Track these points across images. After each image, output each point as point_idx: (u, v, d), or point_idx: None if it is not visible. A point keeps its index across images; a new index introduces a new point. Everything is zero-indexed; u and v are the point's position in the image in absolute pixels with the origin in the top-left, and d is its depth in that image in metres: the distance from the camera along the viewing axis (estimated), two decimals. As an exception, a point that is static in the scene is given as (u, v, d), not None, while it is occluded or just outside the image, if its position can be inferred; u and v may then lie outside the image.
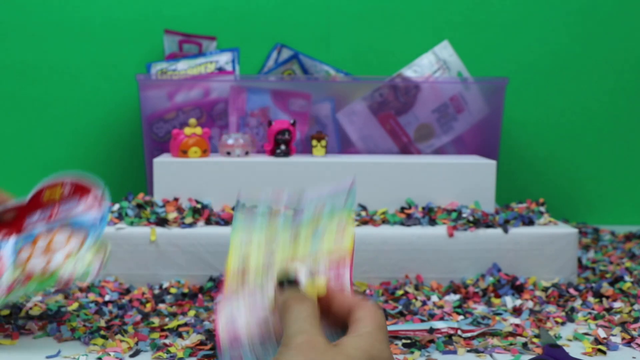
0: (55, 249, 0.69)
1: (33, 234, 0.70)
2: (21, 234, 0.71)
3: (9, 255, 0.68)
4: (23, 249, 0.69)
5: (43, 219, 0.72)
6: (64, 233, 0.70)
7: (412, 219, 0.93)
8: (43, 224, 0.71)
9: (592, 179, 1.35)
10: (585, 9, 1.31)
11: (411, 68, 1.13)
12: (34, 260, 0.68)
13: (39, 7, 1.28)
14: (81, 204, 0.72)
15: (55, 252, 0.68)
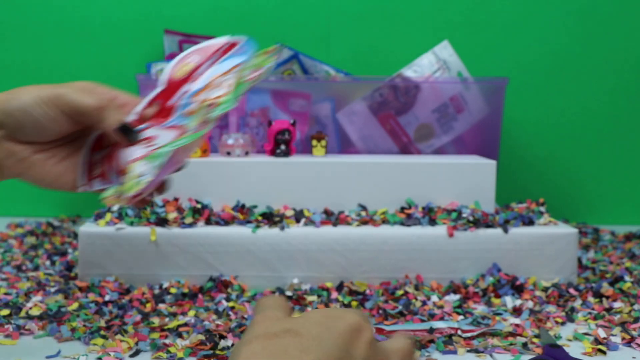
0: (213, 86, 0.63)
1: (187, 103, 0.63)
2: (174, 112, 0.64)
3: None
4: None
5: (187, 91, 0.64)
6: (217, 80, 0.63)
7: (412, 219, 0.93)
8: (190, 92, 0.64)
9: (592, 179, 1.35)
10: (585, 9, 1.31)
11: (411, 68, 1.13)
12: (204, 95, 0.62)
13: (39, 7, 1.28)
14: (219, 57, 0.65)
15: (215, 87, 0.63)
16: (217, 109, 0.61)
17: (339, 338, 0.43)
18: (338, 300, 0.84)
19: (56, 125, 0.60)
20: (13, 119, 0.59)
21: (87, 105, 0.60)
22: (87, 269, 0.89)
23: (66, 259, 1.00)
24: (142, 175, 0.58)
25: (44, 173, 0.62)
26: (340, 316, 0.44)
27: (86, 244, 0.88)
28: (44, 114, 0.60)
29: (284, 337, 0.42)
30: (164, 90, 0.64)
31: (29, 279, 0.91)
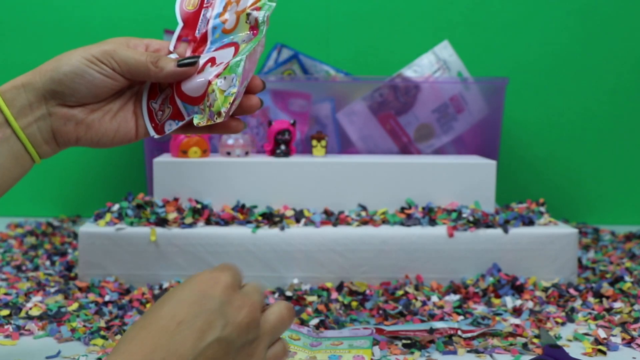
0: None
1: (219, 24, 0.63)
2: (209, 38, 0.64)
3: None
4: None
5: (209, 16, 0.64)
6: None
7: (412, 219, 0.93)
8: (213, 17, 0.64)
9: (592, 179, 1.35)
10: (585, 9, 1.31)
11: (411, 68, 1.13)
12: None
13: (38, 8, 1.28)
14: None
15: None
16: (262, 10, 0.61)
17: (195, 285, 0.48)
18: (338, 301, 0.84)
19: (110, 83, 0.61)
20: (66, 84, 0.60)
21: (140, 61, 0.60)
22: (87, 269, 0.89)
23: (66, 259, 1.00)
24: (227, 90, 0.59)
25: (102, 131, 0.62)
26: (198, 275, 0.49)
27: (86, 244, 0.88)
28: (97, 74, 0.60)
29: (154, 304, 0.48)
30: (183, 27, 0.65)
31: (29, 279, 0.91)
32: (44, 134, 0.60)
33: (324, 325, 0.75)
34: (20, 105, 0.60)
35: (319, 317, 0.77)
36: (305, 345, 0.68)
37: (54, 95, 0.60)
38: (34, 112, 0.60)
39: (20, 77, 0.62)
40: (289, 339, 0.69)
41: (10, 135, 0.59)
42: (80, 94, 0.60)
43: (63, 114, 0.60)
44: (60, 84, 0.60)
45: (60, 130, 0.61)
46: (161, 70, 0.60)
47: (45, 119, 0.60)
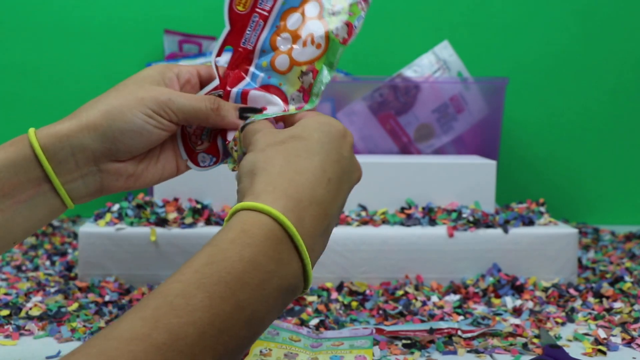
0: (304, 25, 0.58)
1: (268, 49, 0.59)
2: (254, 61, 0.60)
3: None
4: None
5: (258, 27, 0.60)
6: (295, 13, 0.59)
7: (412, 219, 0.93)
8: (263, 28, 0.59)
9: (592, 179, 1.35)
10: (585, 9, 1.31)
11: (411, 68, 1.13)
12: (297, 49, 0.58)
13: (39, 8, 1.28)
14: None
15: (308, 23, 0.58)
16: (318, 80, 0.58)
17: (334, 141, 0.51)
18: (338, 301, 0.84)
19: (165, 134, 0.58)
20: (122, 141, 0.56)
21: (200, 109, 0.57)
22: (87, 269, 0.89)
23: (66, 259, 1.00)
24: None
25: (150, 178, 0.60)
26: (330, 122, 0.52)
27: (86, 244, 0.88)
28: (155, 128, 0.56)
29: (292, 142, 0.50)
30: (230, 31, 0.60)
31: (29, 279, 0.91)
32: (90, 189, 0.58)
33: (324, 326, 0.75)
34: (63, 160, 0.55)
35: (319, 317, 0.77)
36: (306, 346, 0.68)
37: (107, 153, 0.56)
38: (81, 169, 0.56)
39: (60, 125, 0.56)
40: (289, 340, 0.69)
41: (48, 190, 0.56)
42: (136, 148, 0.57)
43: (115, 170, 0.58)
44: (115, 141, 0.56)
45: (110, 186, 0.58)
46: (223, 119, 0.58)
47: (95, 175, 0.57)
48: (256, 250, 0.43)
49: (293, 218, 0.45)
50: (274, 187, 0.46)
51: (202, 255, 0.43)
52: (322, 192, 0.48)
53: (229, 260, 0.42)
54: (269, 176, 0.47)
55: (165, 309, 0.39)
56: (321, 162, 0.49)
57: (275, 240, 0.44)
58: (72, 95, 1.29)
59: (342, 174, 0.50)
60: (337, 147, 0.51)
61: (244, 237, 0.43)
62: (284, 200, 0.46)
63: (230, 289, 0.41)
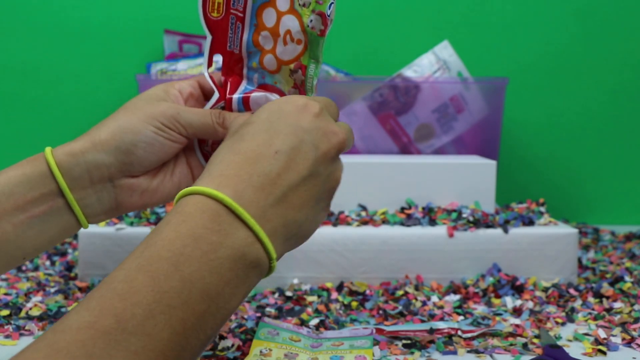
0: None
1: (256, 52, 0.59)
2: (245, 61, 0.60)
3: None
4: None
5: (238, 29, 0.60)
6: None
7: (412, 219, 0.93)
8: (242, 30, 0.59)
9: (592, 179, 1.35)
10: (585, 9, 1.31)
11: (411, 68, 1.13)
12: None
13: (39, 8, 1.28)
14: None
15: None
16: (308, 72, 0.58)
17: (287, 116, 0.50)
18: (338, 301, 0.84)
19: (176, 147, 0.59)
20: (135, 154, 0.57)
21: (207, 123, 0.58)
22: (87, 269, 0.89)
23: (66, 259, 1.00)
24: None
25: (167, 192, 0.60)
26: (286, 99, 0.52)
27: (86, 244, 0.88)
28: (166, 140, 0.57)
29: (240, 130, 0.51)
30: (213, 40, 0.61)
31: (29, 279, 0.91)
32: (105, 206, 0.58)
33: (324, 326, 0.75)
34: (77, 176, 0.56)
35: (319, 318, 0.77)
36: (306, 346, 0.68)
37: (121, 168, 0.57)
38: (95, 185, 0.57)
39: (74, 143, 0.58)
40: (290, 340, 0.69)
41: (62, 206, 0.56)
42: (149, 162, 0.58)
43: (129, 186, 0.58)
44: (128, 154, 0.56)
45: (125, 202, 0.58)
46: (228, 130, 0.58)
47: (109, 191, 0.58)
48: (193, 225, 0.43)
49: (229, 191, 0.45)
50: (209, 173, 0.47)
51: (141, 244, 0.43)
52: (265, 164, 0.48)
53: (165, 239, 0.43)
54: (208, 168, 0.48)
55: (109, 295, 0.40)
56: (266, 138, 0.49)
57: (212, 213, 0.44)
58: (72, 95, 1.29)
59: (297, 143, 0.49)
60: (291, 120, 0.50)
61: (178, 217, 0.44)
62: (217, 179, 0.46)
63: (172, 264, 0.41)
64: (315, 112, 0.51)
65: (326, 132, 0.52)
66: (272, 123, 0.50)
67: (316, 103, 0.52)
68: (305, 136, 0.50)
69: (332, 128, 0.52)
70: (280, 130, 0.49)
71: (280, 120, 0.50)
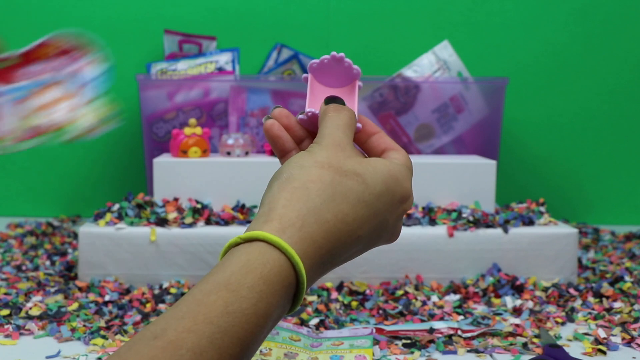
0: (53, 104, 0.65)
1: (25, 87, 0.66)
2: (10, 84, 0.67)
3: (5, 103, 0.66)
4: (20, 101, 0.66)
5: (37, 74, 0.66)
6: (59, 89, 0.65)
7: (412, 219, 0.93)
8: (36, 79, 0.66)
9: (592, 179, 1.35)
10: (585, 9, 1.31)
11: (411, 68, 1.13)
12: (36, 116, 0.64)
13: (38, 8, 1.28)
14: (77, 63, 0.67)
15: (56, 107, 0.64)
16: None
17: (390, 204, 0.48)
18: (338, 300, 0.84)
19: None
20: None
21: None
22: (87, 269, 0.89)
23: (66, 259, 1.00)
24: None
25: None
26: (402, 183, 0.49)
27: (86, 244, 0.88)
28: None
29: (352, 179, 0.46)
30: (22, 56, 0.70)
31: (29, 279, 0.91)
32: None
33: (324, 325, 0.75)
34: None
35: (319, 317, 0.77)
36: (306, 346, 0.68)
37: None
38: None
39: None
40: (290, 339, 0.69)
41: None
42: None
43: None
44: None
45: None
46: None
47: None
48: (272, 302, 0.42)
49: (307, 265, 0.44)
50: (304, 223, 0.44)
51: (218, 300, 0.40)
52: (343, 246, 0.46)
53: (245, 313, 0.40)
54: (306, 205, 0.45)
55: None
56: (364, 216, 0.46)
57: (288, 288, 0.43)
58: (72, 95, 1.29)
59: (375, 235, 0.48)
60: (389, 209, 0.48)
61: (262, 285, 0.41)
62: (307, 243, 0.44)
63: (242, 346, 0.40)
64: (405, 210, 0.50)
65: (394, 233, 0.51)
66: (378, 202, 0.47)
67: (412, 199, 0.51)
68: (383, 231, 0.48)
69: (399, 229, 0.51)
70: (378, 214, 0.47)
71: (385, 205, 0.48)
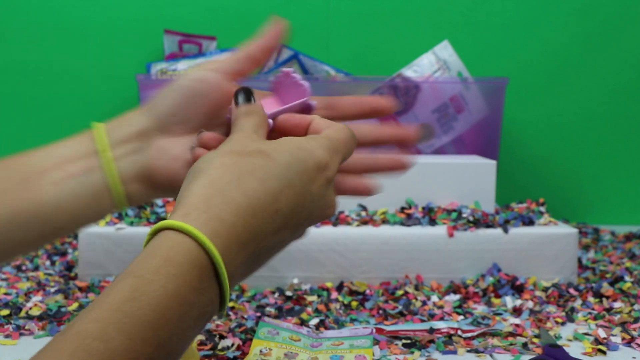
0: None
1: None
2: None
3: None
4: None
5: None
6: None
7: (412, 219, 0.93)
8: None
9: (592, 179, 1.35)
10: (585, 9, 1.31)
11: (411, 68, 1.13)
12: None
13: (38, 8, 1.28)
14: None
15: None
16: None
17: (304, 173, 0.46)
18: (338, 300, 0.84)
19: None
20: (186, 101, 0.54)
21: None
22: (87, 269, 0.89)
23: (66, 259, 1.00)
24: None
25: None
26: (311, 150, 0.47)
27: (86, 244, 0.88)
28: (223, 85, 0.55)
29: (255, 157, 0.46)
30: None
31: (29, 279, 0.91)
32: (137, 167, 0.54)
33: (324, 325, 0.75)
34: (118, 137, 0.54)
35: (319, 317, 0.77)
36: (306, 346, 0.68)
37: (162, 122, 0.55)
38: (131, 143, 0.54)
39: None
40: (290, 339, 0.69)
41: (96, 166, 0.53)
42: (196, 113, 0.55)
43: (162, 147, 0.55)
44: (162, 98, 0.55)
45: (156, 165, 0.54)
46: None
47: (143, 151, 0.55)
48: (181, 282, 0.41)
49: (220, 244, 0.42)
50: (209, 205, 0.43)
51: (123, 287, 0.40)
52: (261, 222, 0.44)
53: (152, 294, 0.40)
54: (210, 189, 0.44)
55: (82, 356, 0.36)
56: (276, 188, 0.45)
57: (200, 268, 0.42)
58: (72, 95, 1.29)
59: (299, 209, 0.46)
60: (305, 179, 0.46)
61: (168, 267, 0.41)
62: (215, 223, 0.42)
63: (152, 328, 0.39)
64: (328, 178, 0.48)
65: (326, 205, 0.49)
66: (288, 171, 0.46)
67: (335, 164, 0.49)
68: (308, 202, 0.47)
69: (331, 201, 0.50)
70: (292, 184, 0.46)
71: (297, 175, 0.46)
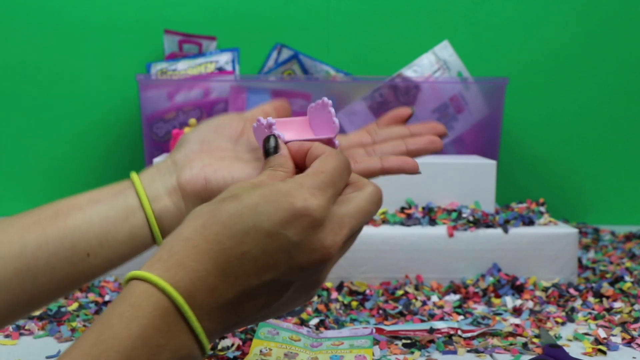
0: None
1: None
2: None
3: None
4: None
5: None
6: None
7: (412, 219, 0.93)
8: None
9: (592, 179, 1.35)
10: (585, 9, 1.31)
11: (411, 68, 1.13)
12: None
13: (38, 8, 1.28)
14: None
15: None
16: None
17: (274, 214, 0.43)
18: (338, 300, 0.84)
19: None
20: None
21: None
22: (87, 269, 0.89)
23: (66, 259, 1.00)
24: None
25: (227, 172, 0.57)
26: (288, 193, 0.44)
27: (86, 244, 0.88)
28: None
29: (227, 202, 0.45)
30: None
31: (29, 279, 0.91)
32: (167, 184, 0.56)
33: (324, 325, 0.75)
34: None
35: (319, 317, 0.77)
36: (306, 346, 0.68)
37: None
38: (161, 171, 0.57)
39: None
40: (290, 339, 0.69)
41: (126, 187, 0.55)
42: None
43: (188, 157, 0.57)
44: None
45: (185, 176, 0.55)
46: None
47: (170, 169, 0.57)
48: (145, 323, 0.41)
49: (183, 289, 0.42)
50: (172, 253, 0.43)
51: (91, 334, 0.41)
52: (227, 265, 0.43)
53: (117, 337, 0.40)
54: (176, 239, 0.44)
55: None
56: (239, 230, 0.43)
57: (163, 312, 0.42)
58: (72, 95, 1.29)
59: (272, 251, 0.43)
60: (276, 220, 0.43)
61: (132, 311, 0.41)
62: (176, 269, 0.42)
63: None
64: (307, 225, 0.44)
65: (313, 250, 0.44)
66: (255, 212, 0.43)
67: (318, 208, 0.44)
68: (285, 245, 0.43)
69: (321, 245, 0.44)
70: (259, 226, 0.43)
71: (265, 216, 0.43)
